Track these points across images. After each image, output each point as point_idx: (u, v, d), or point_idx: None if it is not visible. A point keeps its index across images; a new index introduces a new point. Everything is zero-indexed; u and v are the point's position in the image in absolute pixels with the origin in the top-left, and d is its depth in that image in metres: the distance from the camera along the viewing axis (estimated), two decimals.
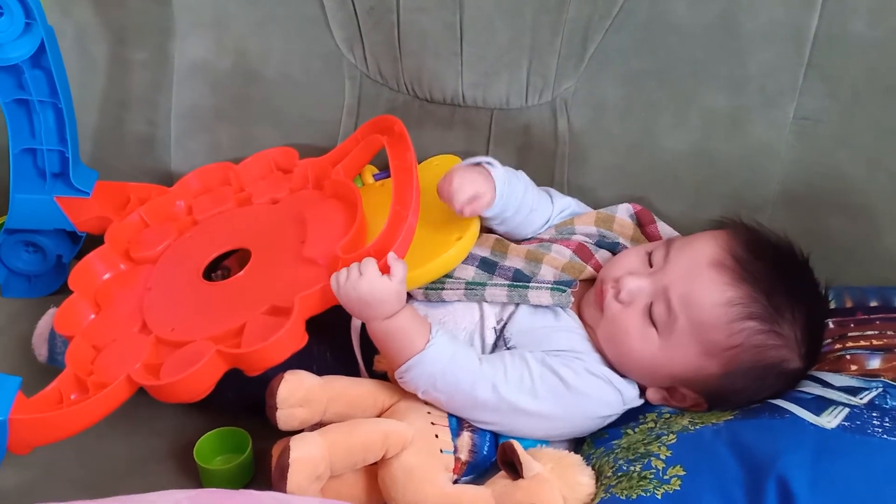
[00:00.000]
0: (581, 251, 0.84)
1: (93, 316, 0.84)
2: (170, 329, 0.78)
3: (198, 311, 0.80)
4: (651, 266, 0.78)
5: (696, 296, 0.73)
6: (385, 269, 0.74)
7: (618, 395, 0.76)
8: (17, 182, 0.92)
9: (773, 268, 0.74)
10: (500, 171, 0.81)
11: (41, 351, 0.86)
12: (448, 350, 0.74)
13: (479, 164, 0.82)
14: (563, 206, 0.89)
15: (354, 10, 0.94)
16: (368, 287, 0.73)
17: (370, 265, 0.74)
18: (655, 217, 0.87)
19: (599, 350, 0.78)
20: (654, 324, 0.75)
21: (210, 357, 0.71)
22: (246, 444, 0.78)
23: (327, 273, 0.76)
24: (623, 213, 0.87)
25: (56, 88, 0.88)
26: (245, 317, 0.76)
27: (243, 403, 0.79)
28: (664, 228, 0.86)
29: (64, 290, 0.94)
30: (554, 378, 0.74)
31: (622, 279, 0.77)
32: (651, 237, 0.86)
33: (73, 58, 1.00)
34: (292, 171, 0.95)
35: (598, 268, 0.83)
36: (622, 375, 0.77)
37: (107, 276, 0.88)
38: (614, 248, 0.84)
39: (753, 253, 0.75)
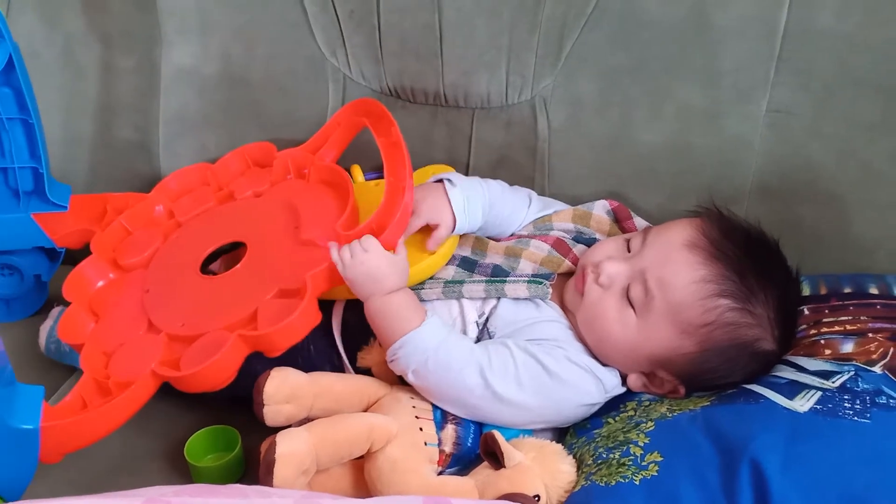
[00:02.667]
0: (559, 246, 0.85)
1: (93, 325, 0.85)
2: (179, 325, 0.79)
3: (204, 305, 0.81)
4: (629, 252, 0.80)
5: (671, 275, 0.75)
6: (388, 246, 0.77)
7: (598, 384, 0.78)
8: None
9: (745, 250, 0.76)
10: (457, 195, 0.83)
11: (41, 340, 0.90)
12: (443, 330, 0.76)
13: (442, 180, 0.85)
14: (542, 205, 0.91)
15: (336, 13, 0.95)
16: (376, 262, 0.75)
17: (373, 241, 0.76)
18: (632, 213, 0.89)
19: (581, 339, 0.80)
20: (631, 306, 0.77)
21: (233, 342, 0.73)
22: (236, 442, 0.79)
23: (327, 252, 0.78)
24: (600, 209, 0.89)
25: (25, 104, 0.86)
26: (255, 303, 0.77)
27: (234, 399, 0.80)
28: (640, 223, 0.88)
29: (45, 311, 0.94)
30: (536, 365, 0.76)
31: (602, 263, 0.79)
32: (628, 232, 0.88)
33: (61, 66, 1.02)
34: (270, 164, 0.96)
35: (575, 261, 0.84)
36: (603, 364, 0.79)
37: (99, 283, 0.89)
38: (591, 244, 0.86)
39: (726, 235, 0.77)
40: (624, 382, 0.80)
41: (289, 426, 0.75)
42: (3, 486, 0.69)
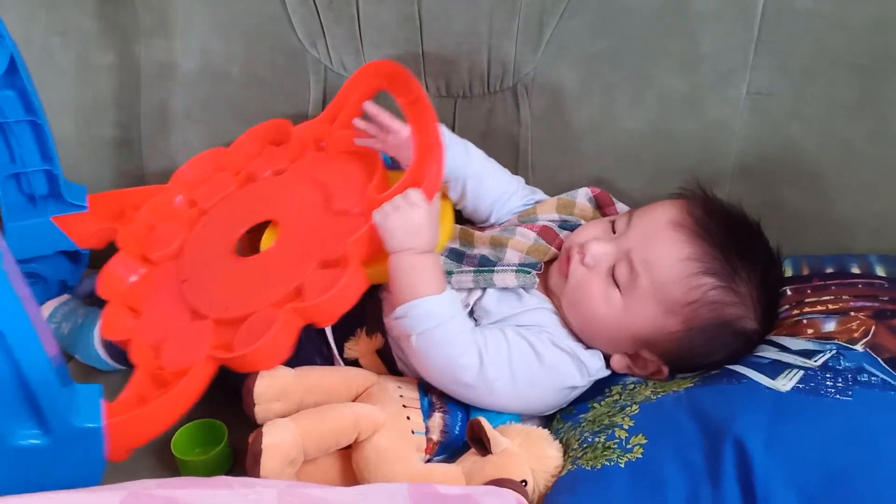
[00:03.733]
0: (545, 233, 0.86)
1: (134, 320, 0.83)
2: (224, 308, 0.78)
3: (246, 287, 0.80)
4: (614, 234, 0.80)
5: (656, 254, 0.76)
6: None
7: (581, 367, 0.78)
8: (7, 211, 0.87)
9: (729, 229, 0.76)
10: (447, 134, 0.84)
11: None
12: (458, 305, 0.76)
13: None
14: (529, 191, 0.91)
15: (315, 5, 0.95)
16: (419, 215, 0.75)
17: (418, 194, 0.76)
18: (614, 199, 0.89)
19: (566, 322, 0.80)
20: (617, 285, 0.77)
21: (286, 316, 0.72)
22: (223, 436, 0.79)
23: (364, 220, 0.77)
24: (582, 197, 0.89)
25: (32, 105, 0.84)
26: (298, 277, 0.76)
27: (222, 391, 0.80)
28: (623, 209, 0.88)
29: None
30: (529, 350, 0.76)
31: (587, 244, 0.79)
32: None
33: (39, 65, 1.01)
34: (286, 141, 0.94)
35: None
36: (587, 346, 0.79)
37: (132, 279, 0.87)
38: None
39: (709, 214, 0.77)
40: (608, 365, 0.80)
41: None
42: (73, 486, 0.66)
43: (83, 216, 0.90)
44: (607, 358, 0.80)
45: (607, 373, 0.80)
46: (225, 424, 0.80)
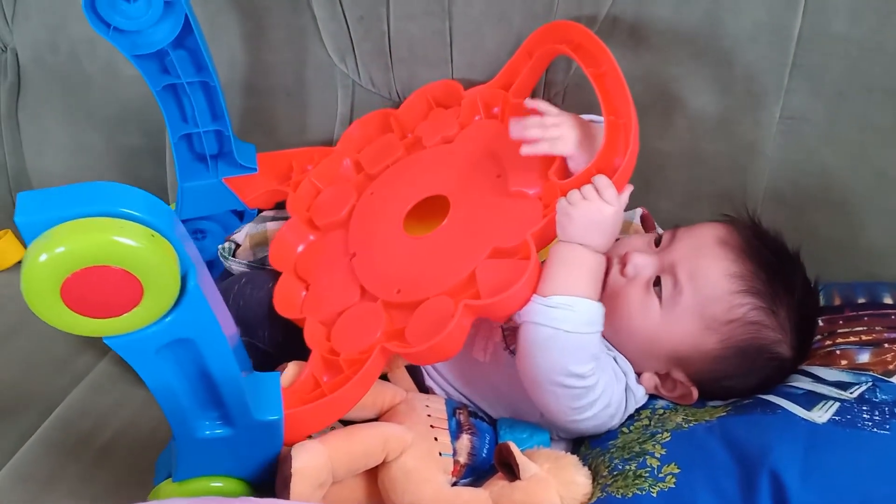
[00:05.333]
0: None
1: (304, 292, 0.83)
2: (395, 291, 0.77)
3: (416, 268, 0.78)
4: (656, 247, 0.78)
5: (703, 269, 0.74)
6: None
7: (623, 379, 0.77)
8: (182, 171, 0.89)
9: (773, 253, 0.76)
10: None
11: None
12: (602, 320, 0.73)
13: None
14: None
15: (345, 19, 0.95)
16: (609, 212, 0.72)
17: (612, 189, 0.72)
18: (656, 223, 0.88)
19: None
20: (658, 297, 0.75)
21: (461, 313, 0.70)
22: None
23: (540, 204, 0.75)
24: (637, 218, 0.89)
25: (205, 65, 0.84)
26: (471, 264, 0.74)
27: None
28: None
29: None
30: (616, 380, 0.75)
31: (628, 254, 0.77)
32: None
33: (67, 74, 1.02)
34: (456, 104, 0.91)
35: None
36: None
37: (300, 247, 0.87)
38: None
39: (756, 237, 0.76)
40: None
41: None
42: (251, 471, 0.70)
43: (253, 177, 0.91)
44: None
45: (645, 399, 0.79)
46: None
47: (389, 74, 0.96)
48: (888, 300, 0.82)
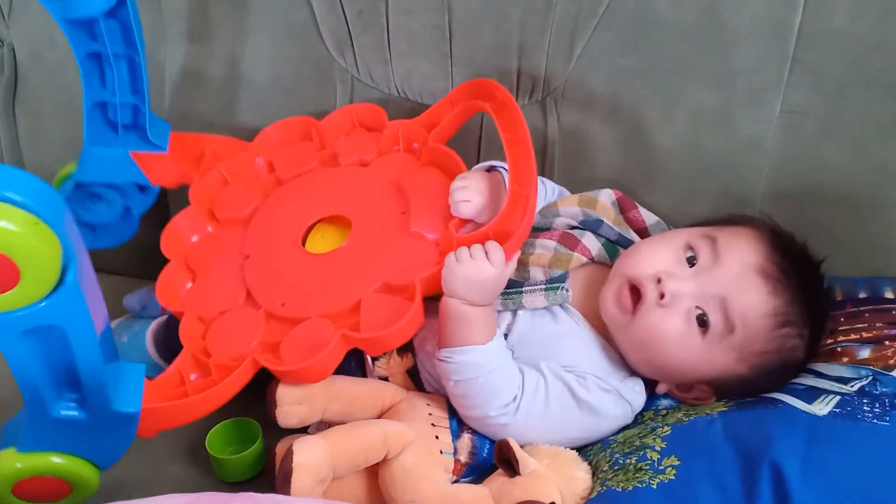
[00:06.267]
0: (565, 239, 0.82)
1: (189, 284, 0.82)
2: (279, 303, 0.77)
3: (305, 284, 0.78)
4: (689, 264, 0.76)
5: (749, 308, 0.73)
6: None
7: (627, 408, 0.76)
8: (90, 135, 0.88)
9: (803, 274, 0.75)
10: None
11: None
12: (503, 354, 0.75)
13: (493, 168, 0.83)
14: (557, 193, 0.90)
15: (344, 14, 0.95)
16: (490, 275, 0.73)
17: (500, 255, 0.73)
18: (636, 203, 0.86)
19: (609, 345, 0.78)
20: (699, 328, 0.74)
21: (336, 342, 0.71)
22: (257, 434, 0.79)
23: (438, 251, 0.76)
24: (605, 197, 0.86)
25: (133, 41, 0.83)
26: (358, 293, 0.75)
27: (260, 386, 0.78)
28: (647, 214, 0.86)
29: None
30: (566, 393, 0.74)
31: (665, 282, 0.74)
32: (633, 223, 0.85)
33: (63, 67, 1.01)
34: (378, 130, 0.91)
35: (585, 252, 0.81)
36: (631, 373, 0.77)
37: (195, 238, 0.86)
38: (597, 228, 0.84)
39: (788, 259, 0.75)
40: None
41: (303, 428, 0.76)
42: (99, 456, 0.71)
43: (162, 155, 0.90)
44: (651, 382, 0.78)
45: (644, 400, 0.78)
46: (259, 423, 0.79)
47: (388, 69, 0.96)
48: (889, 294, 0.82)
